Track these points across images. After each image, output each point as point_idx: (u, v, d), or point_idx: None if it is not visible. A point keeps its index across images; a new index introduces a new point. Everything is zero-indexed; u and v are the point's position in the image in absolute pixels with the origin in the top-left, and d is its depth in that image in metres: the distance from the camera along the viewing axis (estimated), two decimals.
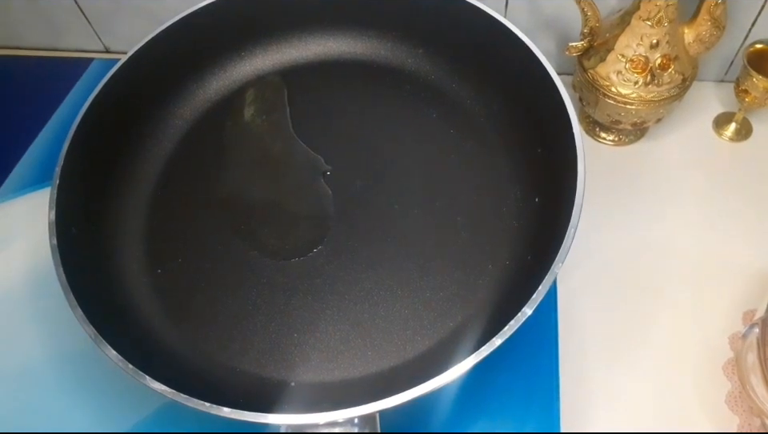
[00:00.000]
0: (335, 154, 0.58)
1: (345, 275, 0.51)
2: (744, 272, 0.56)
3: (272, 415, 0.38)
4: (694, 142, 0.65)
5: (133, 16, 0.72)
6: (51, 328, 0.56)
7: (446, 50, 0.60)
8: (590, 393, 0.51)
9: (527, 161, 0.53)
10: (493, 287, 0.49)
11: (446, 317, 0.48)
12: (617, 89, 0.57)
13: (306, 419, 0.38)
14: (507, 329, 0.39)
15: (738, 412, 0.49)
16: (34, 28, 0.76)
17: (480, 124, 0.58)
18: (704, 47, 0.57)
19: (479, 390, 0.51)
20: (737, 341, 0.51)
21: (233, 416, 0.38)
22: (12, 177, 0.66)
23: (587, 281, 0.56)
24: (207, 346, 0.48)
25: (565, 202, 0.44)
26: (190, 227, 0.54)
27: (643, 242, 0.58)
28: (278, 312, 0.50)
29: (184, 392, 0.39)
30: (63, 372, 0.53)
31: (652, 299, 0.55)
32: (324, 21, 0.62)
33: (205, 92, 0.61)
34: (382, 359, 0.47)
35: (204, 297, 0.51)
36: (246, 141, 0.59)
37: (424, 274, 0.51)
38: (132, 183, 0.56)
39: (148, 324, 0.49)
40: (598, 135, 0.65)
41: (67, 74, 0.75)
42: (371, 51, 0.62)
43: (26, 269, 0.59)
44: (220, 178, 0.57)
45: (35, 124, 0.70)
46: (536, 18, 0.65)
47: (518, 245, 0.50)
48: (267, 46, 0.62)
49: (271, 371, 0.47)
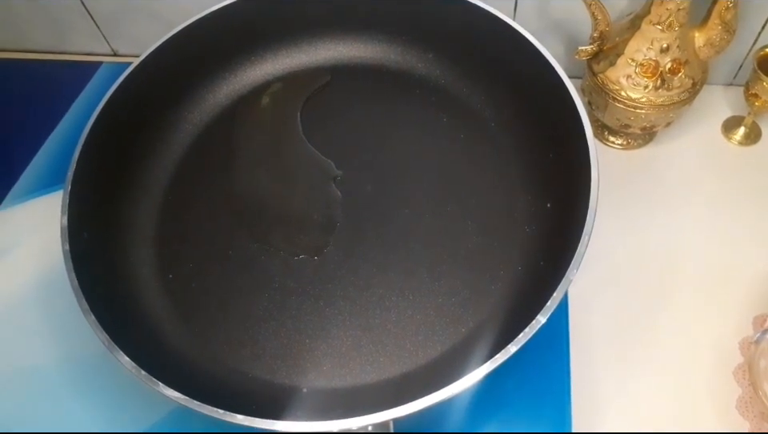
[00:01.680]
0: (346, 158, 0.58)
1: (356, 280, 0.51)
2: (754, 276, 0.55)
3: (285, 423, 0.38)
4: (702, 146, 0.65)
5: (140, 19, 0.72)
6: (62, 334, 0.56)
7: (456, 53, 0.60)
8: (601, 396, 0.51)
9: (539, 166, 0.53)
10: (505, 292, 0.49)
11: (458, 323, 0.48)
12: (626, 93, 0.57)
13: (319, 427, 0.38)
14: (522, 337, 0.39)
15: (748, 417, 0.49)
16: (41, 31, 0.76)
17: (491, 128, 0.58)
18: (714, 51, 0.56)
19: (491, 391, 0.51)
20: (747, 346, 0.51)
21: (246, 424, 0.38)
22: (21, 181, 0.66)
23: (597, 284, 0.56)
24: (219, 351, 0.48)
25: (578, 207, 0.44)
26: (200, 231, 0.54)
27: (653, 245, 0.58)
28: (289, 317, 0.50)
29: (197, 399, 0.39)
30: (75, 378, 0.53)
31: (662, 303, 0.55)
32: (334, 26, 0.62)
33: (215, 97, 0.61)
34: (393, 365, 0.47)
35: (215, 302, 0.51)
36: (256, 146, 0.59)
37: (435, 279, 0.50)
38: (143, 188, 0.56)
39: (159, 330, 0.49)
40: (606, 139, 0.65)
41: (75, 77, 0.75)
42: (381, 56, 0.62)
43: (36, 274, 0.59)
44: (230, 183, 0.57)
45: (44, 128, 0.70)
46: (545, 21, 0.65)
47: (530, 250, 0.50)
48: (277, 50, 0.62)
49: (283, 376, 0.47)
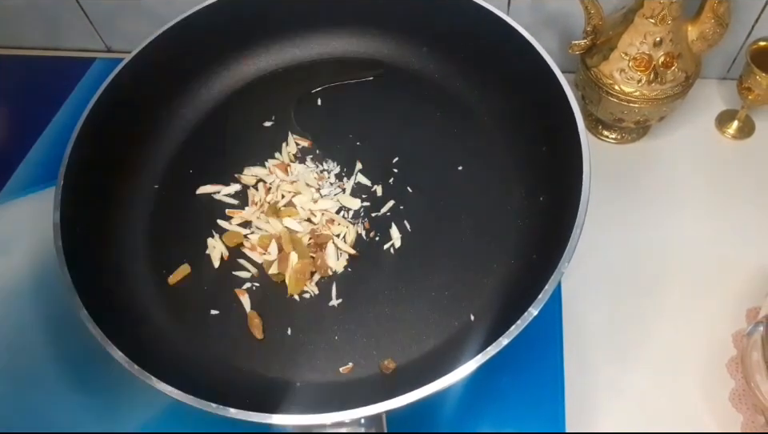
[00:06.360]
0: (338, 152, 0.58)
1: (349, 275, 0.51)
2: (747, 269, 0.56)
3: (278, 416, 0.39)
4: (696, 139, 0.65)
5: (134, 16, 0.72)
6: (56, 329, 0.56)
7: (450, 48, 0.60)
8: (594, 392, 0.51)
9: (532, 160, 0.53)
10: (498, 286, 0.49)
11: (451, 316, 0.48)
12: (620, 87, 0.57)
13: (313, 420, 0.38)
14: (514, 329, 0.39)
15: (741, 410, 0.49)
16: (35, 27, 0.76)
17: (484, 123, 0.58)
18: (707, 45, 0.56)
19: (484, 389, 0.51)
20: (741, 339, 0.51)
21: (239, 417, 0.39)
22: (14, 178, 0.66)
23: (590, 279, 0.56)
24: (213, 346, 0.48)
25: (570, 201, 0.45)
26: (194, 227, 0.54)
27: (646, 239, 0.58)
28: (282, 312, 0.50)
29: (190, 393, 0.39)
30: (68, 373, 0.53)
31: (655, 297, 0.55)
32: (327, 20, 0.62)
33: (208, 92, 0.61)
34: (386, 358, 0.47)
35: (208, 297, 0.51)
36: (249, 141, 0.59)
37: (429, 273, 0.51)
38: (136, 184, 0.56)
39: (153, 325, 0.49)
40: (600, 133, 0.65)
41: (69, 73, 0.74)
42: (374, 50, 0.62)
43: (30, 270, 0.59)
44: (224, 179, 0.57)
45: (37, 124, 0.70)
46: (538, 15, 0.65)
47: (523, 244, 0.50)
48: (270, 45, 0.62)
49: (277, 371, 0.47)
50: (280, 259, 0.51)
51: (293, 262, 0.51)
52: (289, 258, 0.51)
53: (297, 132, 0.59)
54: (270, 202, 0.54)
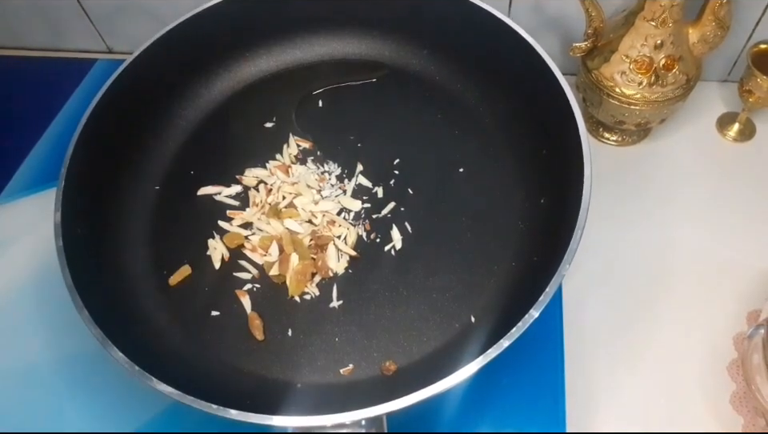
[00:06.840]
0: (339, 154, 0.58)
1: (350, 276, 0.51)
2: (748, 272, 0.56)
3: (279, 417, 0.38)
4: (697, 142, 0.65)
5: (135, 17, 0.72)
6: (57, 330, 0.56)
7: (451, 50, 0.60)
8: (595, 393, 0.51)
9: (532, 162, 0.53)
10: (499, 288, 0.49)
11: (451, 318, 0.48)
12: (621, 89, 0.57)
13: (313, 422, 0.38)
14: (515, 331, 0.39)
15: (742, 413, 0.49)
16: (37, 28, 0.76)
17: (485, 125, 0.58)
18: (708, 47, 0.57)
19: (485, 389, 0.51)
20: (742, 342, 0.51)
21: (240, 418, 0.39)
22: (16, 178, 0.66)
23: (591, 281, 0.56)
24: (213, 347, 0.48)
25: (571, 203, 0.45)
26: (195, 228, 0.54)
27: (646, 242, 0.58)
28: (283, 313, 0.50)
29: (190, 394, 0.39)
30: (69, 374, 0.53)
31: (656, 299, 0.55)
32: (328, 22, 0.62)
33: (209, 93, 0.61)
34: (387, 360, 0.47)
35: (209, 299, 0.51)
36: (250, 142, 0.59)
37: (429, 275, 0.51)
38: (137, 184, 0.56)
39: (154, 325, 0.49)
40: (601, 136, 0.65)
41: (70, 74, 0.74)
42: (375, 52, 0.62)
43: (31, 270, 0.59)
44: (225, 180, 0.57)
45: (39, 125, 0.70)
46: (539, 18, 0.65)
47: (524, 246, 0.50)
48: (271, 47, 0.62)
49: (277, 372, 0.47)
50: (281, 261, 0.51)
51: (293, 263, 0.51)
52: (290, 259, 0.51)
53: (298, 133, 0.59)
54: (270, 204, 0.54)
